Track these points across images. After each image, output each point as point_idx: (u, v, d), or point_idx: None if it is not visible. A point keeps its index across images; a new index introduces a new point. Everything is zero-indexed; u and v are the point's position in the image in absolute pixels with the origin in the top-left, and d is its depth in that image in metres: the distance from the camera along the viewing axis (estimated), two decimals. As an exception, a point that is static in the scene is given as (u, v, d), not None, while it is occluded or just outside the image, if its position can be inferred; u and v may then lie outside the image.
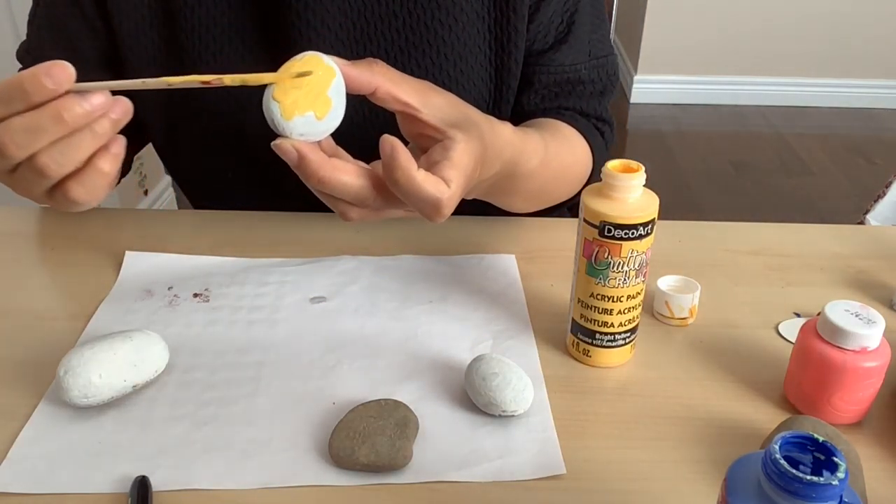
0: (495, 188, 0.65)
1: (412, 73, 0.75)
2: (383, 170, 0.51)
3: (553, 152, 0.72)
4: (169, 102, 0.79)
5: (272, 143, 0.52)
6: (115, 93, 0.50)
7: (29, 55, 0.78)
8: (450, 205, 0.53)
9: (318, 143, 0.53)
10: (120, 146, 0.52)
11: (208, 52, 0.74)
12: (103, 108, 0.49)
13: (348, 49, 0.75)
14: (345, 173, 0.52)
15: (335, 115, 0.52)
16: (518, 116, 0.80)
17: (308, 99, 0.50)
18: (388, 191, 0.53)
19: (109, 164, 0.51)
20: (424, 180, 0.51)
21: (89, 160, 0.51)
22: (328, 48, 0.73)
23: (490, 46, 0.76)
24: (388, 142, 0.50)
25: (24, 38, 0.80)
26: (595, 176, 0.82)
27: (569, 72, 0.79)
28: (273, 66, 0.52)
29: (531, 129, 0.70)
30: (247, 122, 0.78)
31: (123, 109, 0.50)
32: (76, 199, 0.52)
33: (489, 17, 0.75)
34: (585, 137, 0.80)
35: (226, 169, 0.83)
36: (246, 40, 0.75)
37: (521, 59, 0.78)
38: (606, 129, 0.84)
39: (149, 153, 2.37)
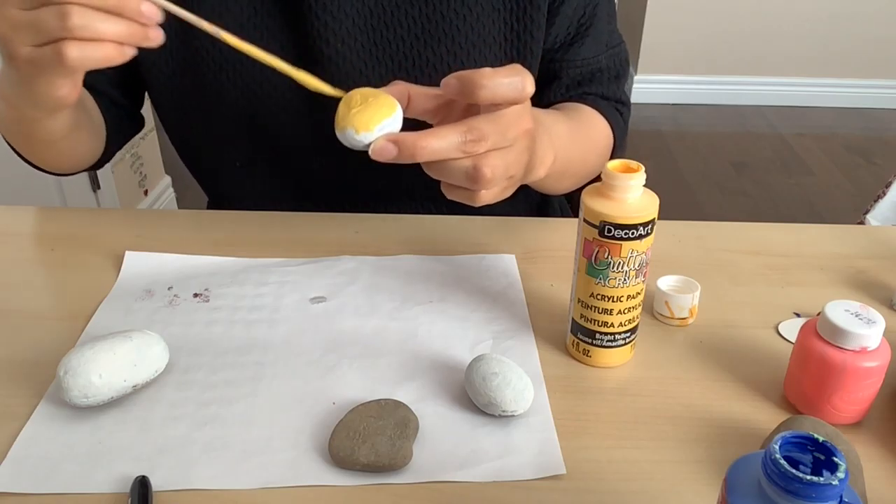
0: (541, 147, 0.64)
1: (427, 63, 0.77)
2: (465, 92, 0.52)
3: (574, 122, 0.75)
4: (182, 85, 0.79)
5: (371, 153, 0.53)
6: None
7: None
8: (528, 77, 0.53)
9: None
10: (130, 53, 0.54)
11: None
12: (150, 19, 0.53)
13: (365, 35, 0.76)
14: (442, 126, 0.52)
15: (398, 115, 0.55)
16: (544, 107, 0.81)
17: (371, 110, 0.53)
18: (485, 115, 0.53)
19: (118, 53, 0.53)
20: (496, 69, 0.52)
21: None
22: (345, 34, 0.75)
23: (505, 38, 0.78)
24: (448, 79, 0.52)
25: None
26: (617, 152, 0.86)
27: (591, 64, 0.83)
28: (289, 50, 0.53)
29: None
30: (257, 111, 0.79)
31: (158, 36, 0.54)
32: (69, 54, 0.51)
33: (505, 9, 0.77)
34: (606, 117, 0.83)
35: (234, 158, 0.84)
36: (258, 25, 0.76)
37: (538, 50, 0.80)
38: (625, 110, 0.87)
39: (148, 154, 2.37)
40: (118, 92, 0.83)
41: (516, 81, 0.52)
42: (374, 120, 0.53)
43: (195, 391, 0.58)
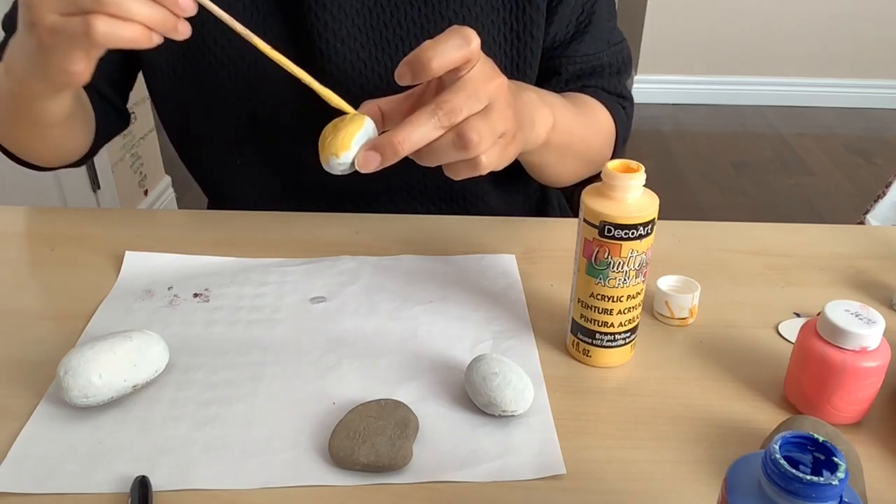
0: (528, 101, 0.64)
1: None
2: (418, 72, 0.52)
3: (571, 101, 0.75)
4: (182, 82, 0.79)
5: (358, 168, 0.54)
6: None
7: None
8: (469, 31, 0.53)
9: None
10: (157, 40, 0.54)
11: (218, 29, 0.75)
12: (184, 10, 0.53)
13: (364, 35, 0.76)
14: (413, 115, 0.53)
15: (368, 124, 0.56)
16: None
17: (342, 132, 0.55)
18: (449, 87, 0.53)
19: (145, 37, 0.53)
20: (436, 38, 0.52)
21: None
22: (345, 34, 0.75)
23: (505, 38, 0.78)
24: (398, 68, 0.53)
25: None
26: (620, 148, 0.86)
27: (592, 60, 0.83)
28: (289, 49, 0.53)
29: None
30: (257, 109, 0.79)
31: (186, 29, 0.54)
32: (97, 27, 0.50)
33: (504, 9, 0.77)
34: (607, 107, 0.83)
35: (234, 156, 0.84)
36: (260, 24, 0.76)
37: (538, 50, 0.80)
38: (627, 105, 0.87)
39: (148, 154, 2.38)
40: (109, 87, 0.82)
41: (459, 39, 0.53)
42: (347, 138, 0.54)
43: (195, 391, 0.58)
